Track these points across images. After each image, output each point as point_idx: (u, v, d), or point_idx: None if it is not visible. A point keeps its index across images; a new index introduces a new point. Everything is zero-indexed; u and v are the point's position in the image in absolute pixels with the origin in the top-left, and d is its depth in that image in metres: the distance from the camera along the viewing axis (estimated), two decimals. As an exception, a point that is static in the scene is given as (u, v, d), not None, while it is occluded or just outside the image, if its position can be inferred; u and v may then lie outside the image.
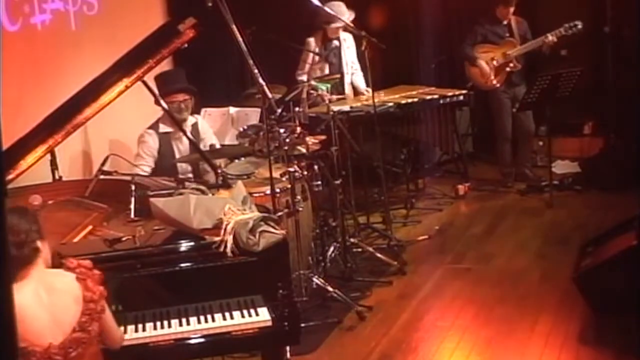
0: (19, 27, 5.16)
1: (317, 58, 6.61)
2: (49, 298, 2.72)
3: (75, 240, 3.44)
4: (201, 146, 4.92)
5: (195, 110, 5.59)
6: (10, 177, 3.45)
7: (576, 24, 6.83)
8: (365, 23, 6.81)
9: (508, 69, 7.05)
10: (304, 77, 6.54)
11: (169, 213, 3.40)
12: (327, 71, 6.64)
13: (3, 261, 1.42)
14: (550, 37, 6.83)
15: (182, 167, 5.18)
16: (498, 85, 7.07)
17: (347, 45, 6.75)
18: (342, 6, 6.46)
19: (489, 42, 7.13)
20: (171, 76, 5.23)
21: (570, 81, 6.57)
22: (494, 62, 7.05)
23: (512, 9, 7.00)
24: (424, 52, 8.08)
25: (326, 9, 5.99)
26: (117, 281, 3.10)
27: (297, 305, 3.49)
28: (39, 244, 2.76)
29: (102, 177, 4.22)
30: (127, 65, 3.79)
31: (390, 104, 6.46)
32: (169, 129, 5.16)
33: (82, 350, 2.73)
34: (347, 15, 6.42)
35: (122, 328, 3.10)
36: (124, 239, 3.43)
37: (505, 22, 7.10)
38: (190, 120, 5.30)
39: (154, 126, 5.20)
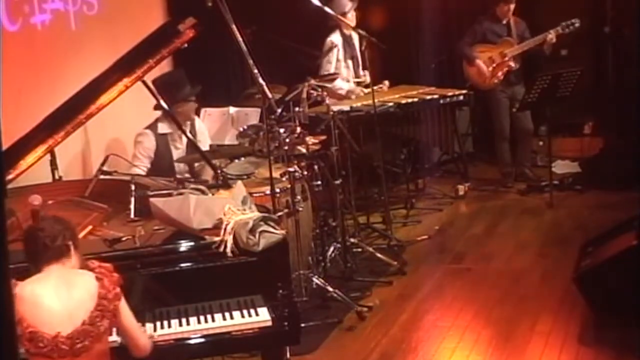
0: (19, 27, 5.16)
1: (340, 55, 6.60)
2: (67, 292, 2.83)
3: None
4: None
5: (195, 110, 5.59)
6: (10, 177, 3.45)
7: (573, 22, 6.82)
8: (365, 23, 6.81)
9: (506, 68, 7.05)
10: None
11: (169, 213, 3.40)
12: (351, 66, 6.66)
13: (3, 261, 1.42)
14: (549, 36, 6.83)
15: (180, 167, 5.17)
16: (496, 80, 7.07)
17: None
18: None
19: (488, 42, 7.13)
20: (178, 81, 5.19)
21: (570, 81, 6.56)
22: (493, 64, 7.06)
23: (512, 7, 7.00)
24: (424, 52, 8.08)
25: (326, 8, 5.98)
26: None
27: (297, 305, 3.49)
28: (70, 244, 2.91)
29: (102, 177, 4.22)
30: (127, 65, 3.79)
31: (390, 104, 6.45)
32: (167, 130, 5.16)
33: (88, 344, 2.80)
34: (350, 6, 6.43)
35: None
36: (124, 239, 3.43)
37: (504, 22, 7.10)
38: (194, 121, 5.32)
39: (152, 127, 5.18)
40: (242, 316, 3.25)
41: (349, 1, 6.45)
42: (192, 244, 3.33)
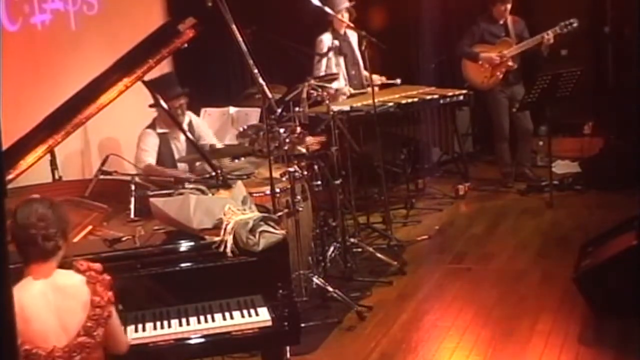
0: (19, 27, 5.16)
1: (331, 54, 6.61)
2: (57, 300, 2.72)
3: (75, 240, 3.43)
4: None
5: (195, 110, 5.59)
6: (10, 177, 3.45)
7: (572, 22, 6.82)
8: (365, 23, 6.81)
9: (505, 68, 7.05)
10: (323, 73, 6.54)
11: (169, 213, 3.40)
12: (342, 64, 6.66)
13: (3, 261, 1.42)
14: (546, 36, 6.83)
15: (181, 166, 5.18)
16: (495, 80, 7.07)
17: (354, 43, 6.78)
18: None
19: (486, 42, 7.14)
20: (165, 81, 5.19)
21: (570, 81, 6.56)
22: (492, 64, 7.06)
23: (508, 7, 7.00)
24: (424, 52, 8.08)
25: (326, 8, 5.97)
26: (117, 281, 3.09)
27: (297, 305, 3.49)
28: (61, 243, 2.78)
29: (102, 177, 4.22)
30: (127, 65, 3.79)
31: (390, 104, 6.46)
32: (165, 130, 5.16)
33: (85, 355, 2.74)
34: (344, 4, 6.44)
35: (122, 328, 3.11)
36: (124, 239, 3.43)
37: (501, 22, 7.11)
38: (184, 119, 5.30)
39: (152, 126, 5.20)
40: (242, 316, 3.25)
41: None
42: (192, 244, 3.33)
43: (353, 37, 6.75)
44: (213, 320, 3.23)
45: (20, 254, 2.77)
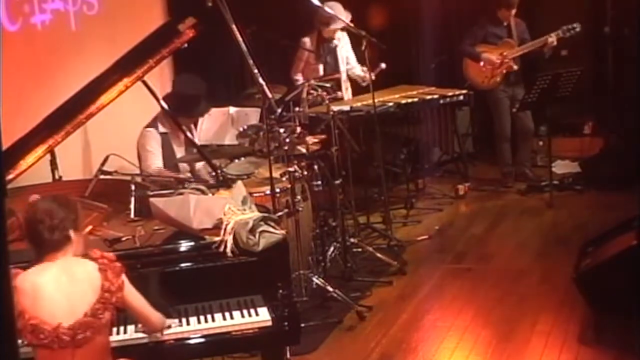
0: (19, 27, 5.16)
1: (312, 58, 6.60)
2: (69, 283, 2.84)
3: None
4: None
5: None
6: (10, 177, 3.46)
7: (574, 27, 6.83)
8: (365, 23, 6.80)
9: (506, 69, 7.05)
10: (299, 77, 6.57)
11: (169, 213, 3.40)
12: (321, 72, 6.63)
13: (3, 261, 1.42)
14: (550, 40, 6.84)
15: (182, 166, 5.17)
16: (498, 80, 7.07)
17: (342, 45, 6.74)
18: (339, 7, 6.46)
19: (488, 43, 7.14)
20: (197, 96, 5.08)
21: (570, 81, 6.57)
22: (493, 65, 7.06)
23: (514, 11, 7.01)
24: (424, 52, 8.09)
25: (327, 9, 5.98)
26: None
27: (297, 305, 3.49)
28: (71, 233, 2.90)
29: (102, 177, 4.22)
30: (127, 65, 3.79)
31: (390, 104, 6.46)
32: (166, 130, 5.13)
33: (90, 335, 2.83)
34: (344, 17, 6.44)
35: (122, 327, 3.15)
36: (124, 239, 3.43)
37: (505, 24, 7.11)
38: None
39: (153, 125, 5.16)
40: (242, 316, 3.25)
41: (344, 11, 6.47)
42: (192, 244, 3.33)
43: (343, 37, 6.72)
44: (213, 320, 3.24)
45: (34, 251, 2.91)
